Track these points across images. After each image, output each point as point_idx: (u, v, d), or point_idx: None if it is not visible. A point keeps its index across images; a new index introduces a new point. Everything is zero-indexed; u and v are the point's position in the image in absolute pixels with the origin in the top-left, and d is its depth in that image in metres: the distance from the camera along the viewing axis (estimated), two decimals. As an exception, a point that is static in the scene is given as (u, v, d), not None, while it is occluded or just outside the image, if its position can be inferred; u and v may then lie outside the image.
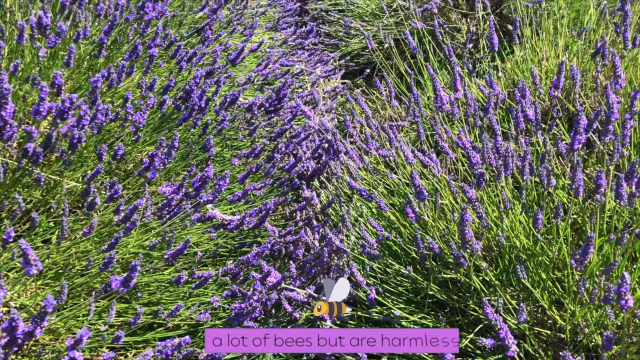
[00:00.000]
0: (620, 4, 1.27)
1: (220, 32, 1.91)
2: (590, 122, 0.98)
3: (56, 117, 1.08)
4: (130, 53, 1.36)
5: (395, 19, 2.71)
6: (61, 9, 1.43)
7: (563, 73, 1.17)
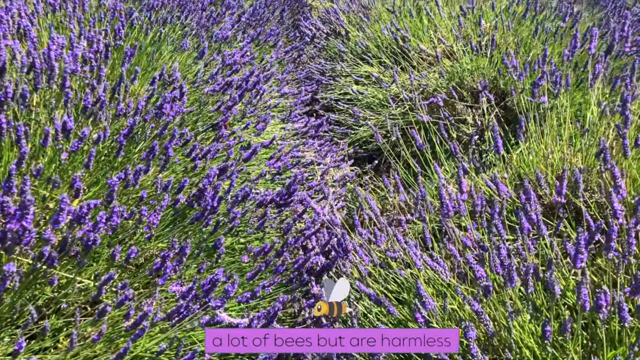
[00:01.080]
0: (621, 108, 1.32)
1: (234, 127, 1.99)
2: (592, 235, 0.99)
3: (73, 221, 1.11)
4: (148, 153, 1.42)
5: (402, 109, 2.81)
6: (83, 110, 1.52)
7: (565, 181, 1.20)
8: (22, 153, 1.13)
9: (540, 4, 2.61)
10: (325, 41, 3.83)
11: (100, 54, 1.75)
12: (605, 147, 1.27)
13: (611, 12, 2.58)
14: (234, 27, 2.84)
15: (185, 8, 2.47)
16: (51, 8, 2.09)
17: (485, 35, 2.80)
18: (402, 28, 2.90)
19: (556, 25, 2.46)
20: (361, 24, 3.42)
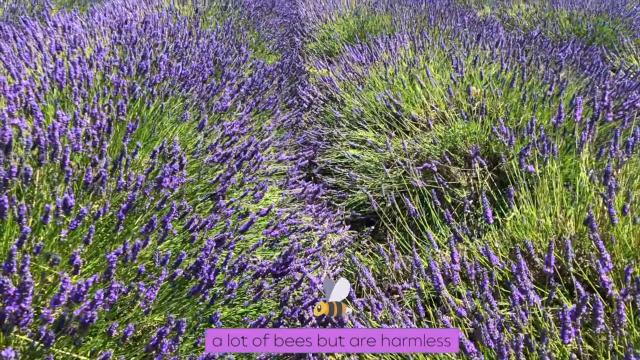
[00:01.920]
0: (604, 179, 1.36)
1: (232, 196, 2.03)
2: (579, 308, 1.01)
3: (71, 300, 1.13)
4: (146, 227, 1.46)
5: (398, 173, 2.86)
6: (84, 186, 1.57)
7: (553, 252, 1.23)
8: (23, 233, 1.16)
9: (527, 71, 2.71)
10: (323, 107, 3.95)
11: (102, 129, 1.82)
12: (592, 217, 1.30)
13: (595, 79, 2.69)
14: (234, 96, 2.94)
15: (186, 81, 2.57)
16: (58, 84, 2.18)
17: (476, 100, 2.90)
18: (395, 97, 3.00)
19: (544, 91, 2.55)
20: (356, 91, 3.53)
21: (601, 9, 5.64)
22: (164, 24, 3.94)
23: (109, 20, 3.76)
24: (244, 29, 5.09)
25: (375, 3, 5.93)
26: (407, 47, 3.71)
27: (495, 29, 4.04)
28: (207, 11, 5.29)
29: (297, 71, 4.73)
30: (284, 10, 6.71)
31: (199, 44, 3.55)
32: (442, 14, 5.14)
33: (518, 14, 6.27)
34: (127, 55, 2.78)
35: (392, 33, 4.90)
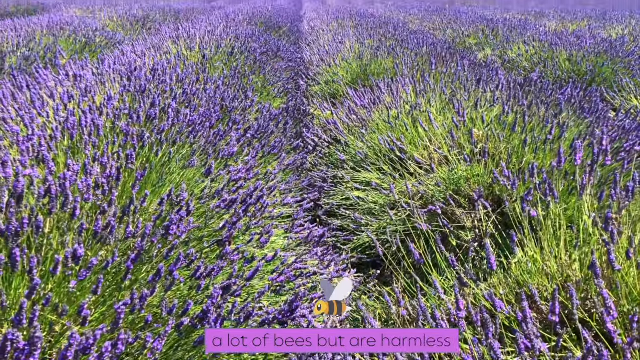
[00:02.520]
0: (605, 225, 1.38)
1: (238, 242, 2.05)
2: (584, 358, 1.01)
3: (79, 352, 1.14)
4: (154, 276, 1.48)
5: (403, 215, 2.88)
6: (94, 235, 1.60)
7: (558, 299, 1.23)
8: (33, 284, 1.18)
9: (528, 114, 2.76)
10: (327, 149, 4.00)
11: (112, 178, 1.86)
12: (595, 263, 1.31)
13: (595, 121, 2.73)
14: (240, 140, 3.00)
15: (194, 127, 2.63)
16: (69, 133, 2.24)
17: (479, 142, 2.94)
18: (398, 139, 3.05)
19: (545, 134, 2.59)
20: (360, 134, 3.59)
21: (600, 50, 5.75)
22: (172, 70, 4.06)
23: (118, 68, 3.87)
24: (250, 74, 5.21)
25: (378, 47, 6.07)
26: (409, 91, 3.79)
27: (496, 71, 4.13)
28: (214, 57, 5.44)
29: (302, 113, 4.81)
30: (289, 55, 6.87)
31: (207, 90, 3.64)
32: (443, 57, 5.26)
33: (518, 55, 6.39)
34: (137, 102, 2.85)
35: (394, 76, 5.00)
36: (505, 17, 10.49)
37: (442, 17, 10.79)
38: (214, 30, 6.73)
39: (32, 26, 7.17)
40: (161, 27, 8.42)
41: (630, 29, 8.43)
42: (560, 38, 6.49)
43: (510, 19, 9.81)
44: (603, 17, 10.65)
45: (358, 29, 8.92)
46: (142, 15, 10.72)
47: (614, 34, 8.22)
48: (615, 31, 8.47)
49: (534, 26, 8.42)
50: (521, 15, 12.72)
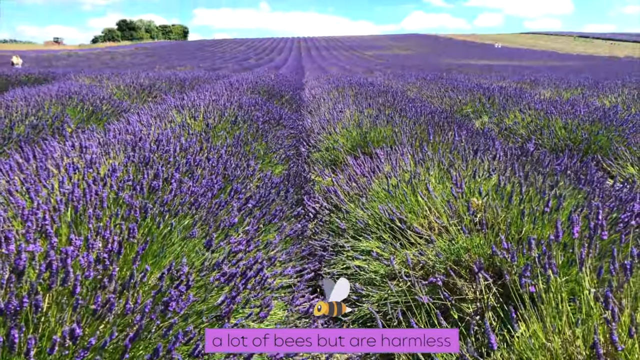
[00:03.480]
0: (604, 304, 1.38)
1: (237, 316, 2.03)
2: None
3: None
4: (152, 355, 1.46)
5: (404, 286, 2.86)
6: (93, 312, 1.59)
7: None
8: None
9: (525, 185, 2.80)
10: (328, 217, 4.03)
11: (113, 252, 1.87)
12: (597, 343, 1.30)
13: (592, 192, 2.77)
14: (241, 210, 3.03)
15: (196, 199, 2.67)
16: (73, 206, 2.28)
17: (478, 212, 2.97)
18: (397, 209, 3.08)
19: (542, 205, 2.62)
20: (360, 203, 3.63)
21: (594, 118, 5.89)
22: (176, 140, 4.15)
23: (123, 138, 3.96)
24: (253, 141, 5.32)
25: (377, 115, 6.23)
26: (408, 160, 3.86)
27: (492, 140, 4.22)
28: (217, 125, 5.58)
29: (302, 179, 4.87)
30: (290, 123, 7.04)
31: (209, 159, 3.71)
32: (441, 126, 5.38)
33: (515, 123, 6.54)
34: (140, 173, 2.91)
35: (393, 144, 5.11)
36: (501, 86, 10.81)
37: (439, 86, 11.12)
38: (218, 99, 6.93)
39: (41, 95, 7.40)
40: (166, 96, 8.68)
41: (623, 97, 8.67)
42: (555, 106, 6.67)
43: (506, 87, 10.11)
44: (596, 86, 10.97)
45: (358, 97, 9.18)
46: (148, 83, 11.07)
47: (607, 102, 8.44)
48: (608, 99, 8.70)
49: (530, 94, 8.66)
50: (516, 83, 13.12)
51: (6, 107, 6.06)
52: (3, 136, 4.85)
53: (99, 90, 9.16)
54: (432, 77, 14.48)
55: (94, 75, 13.45)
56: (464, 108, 8.44)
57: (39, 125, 5.56)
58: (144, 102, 9.34)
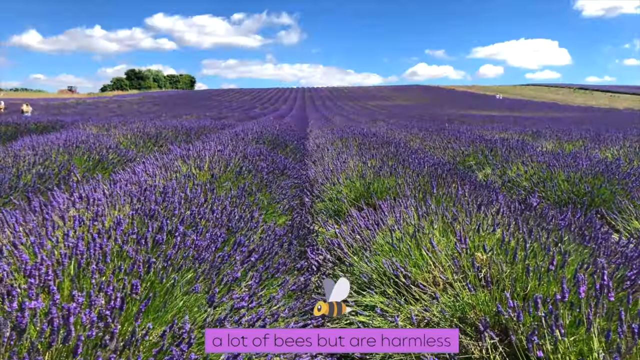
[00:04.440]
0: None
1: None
2: None
3: None
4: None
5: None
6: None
7: None
8: None
9: (529, 242, 2.79)
10: (332, 270, 4.00)
11: (116, 309, 1.86)
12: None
13: (596, 249, 2.75)
14: (244, 263, 3.01)
15: (199, 254, 2.67)
16: (77, 259, 2.28)
17: (482, 268, 2.95)
18: (401, 264, 3.06)
19: (547, 262, 2.61)
20: (364, 256, 3.61)
21: (596, 171, 5.92)
22: (182, 190, 4.19)
23: (129, 189, 4.00)
24: (257, 191, 5.35)
25: (380, 166, 6.28)
26: (412, 214, 3.87)
27: (496, 194, 4.23)
28: (222, 176, 5.63)
29: (306, 231, 4.86)
30: (294, 173, 7.09)
31: (214, 211, 3.73)
32: (444, 178, 5.42)
33: (518, 175, 6.58)
34: (145, 226, 2.92)
35: (396, 196, 5.13)
36: (503, 137, 10.93)
37: (442, 136, 11.25)
38: (223, 149, 7.02)
39: (49, 144, 7.51)
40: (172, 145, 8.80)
41: (625, 149, 8.73)
42: (558, 159, 6.71)
43: (508, 139, 10.22)
44: (597, 138, 11.08)
45: (361, 147, 9.28)
46: (155, 132, 11.24)
47: (609, 155, 8.50)
48: (610, 152, 8.77)
49: (532, 146, 8.74)
50: (518, 134, 13.26)
51: (14, 157, 6.15)
52: (10, 185, 4.90)
53: (106, 139, 9.30)
54: (434, 128, 14.67)
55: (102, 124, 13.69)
56: (466, 159, 8.50)
57: (45, 174, 5.62)
58: (150, 151, 9.46)
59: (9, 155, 6.34)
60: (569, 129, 14.92)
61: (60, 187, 5.16)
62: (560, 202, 5.62)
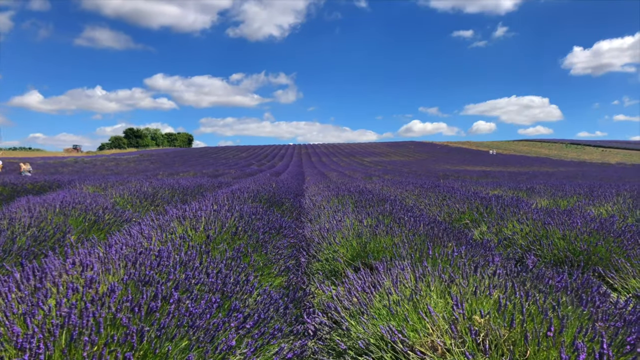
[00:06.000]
0: None
1: None
2: None
3: None
4: None
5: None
6: None
7: None
8: None
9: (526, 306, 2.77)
10: (328, 334, 3.93)
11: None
12: None
13: (594, 313, 2.73)
14: (239, 328, 2.97)
15: (194, 321, 2.63)
16: (69, 330, 2.24)
17: (480, 331, 2.91)
18: (399, 330, 3.02)
19: (545, 327, 2.58)
20: (361, 320, 3.56)
21: (592, 229, 5.94)
22: (177, 252, 4.17)
23: (124, 252, 3.98)
24: (253, 252, 5.32)
25: (376, 225, 6.30)
26: (409, 276, 3.85)
27: (492, 254, 4.23)
28: (218, 237, 5.61)
29: (302, 293, 4.81)
30: (290, 232, 7.08)
31: (209, 274, 3.70)
32: (440, 237, 5.42)
33: (513, 233, 6.58)
34: (139, 293, 2.89)
35: (393, 256, 5.11)
36: (497, 194, 11.00)
37: (436, 193, 11.31)
38: (219, 209, 7.04)
39: (45, 205, 7.51)
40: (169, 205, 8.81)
41: (619, 206, 8.79)
42: (553, 217, 6.75)
43: (502, 196, 10.28)
44: (591, 194, 11.16)
45: (357, 205, 9.32)
46: (152, 192, 11.27)
47: (603, 211, 8.54)
48: (604, 208, 8.82)
49: (526, 203, 8.79)
50: (512, 191, 13.35)
51: (10, 219, 6.14)
52: (4, 249, 4.87)
53: (102, 199, 9.31)
54: (429, 185, 14.78)
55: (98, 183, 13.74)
56: (462, 217, 8.53)
57: (40, 236, 5.60)
58: (147, 211, 9.46)
59: (5, 217, 6.33)
60: (563, 185, 15.05)
61: (55, 250, 5.13)
62: (557, 260, 5.60)
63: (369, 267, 5.69)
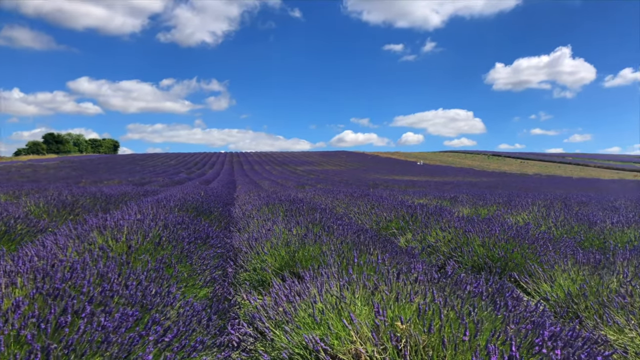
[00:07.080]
0: None
1: None
2: None
3: None
4: None
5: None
6: None
7: None
8: None
9: (444, 312, 2.85)
10: (252, 345, 3.88)
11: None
12: None
13: (508, 317, 2.86)
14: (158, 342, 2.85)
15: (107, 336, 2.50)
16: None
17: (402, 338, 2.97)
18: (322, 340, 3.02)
19: (461, 333, 2.66)
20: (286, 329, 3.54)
21: (509, 236, 6.25)
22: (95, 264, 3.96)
23: (35, 264, 3.74)
24: (177, 263, 5.17)
25: (305, 234, 6.30)
26: (334, 285, 3.87)
27: (415, 260, 4.34)
28: (140, 247, 5.40)
29: (227, 304, 4.71)
30: (218, 242, 6.94)
31: (128, 286, 3.54)
32: (366, 245, 5.50)
33: (437, 241, 6.80)
34: (48, 307, 2.71)
35: (320, 265, 5.13)
36: (422, 203, 11.36)
37: (366, 202, 11.52)
38: (143, 218, 6.79)
39: (-52, 215, 6.94)
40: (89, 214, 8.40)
41: (534, 214, 9.32)
42: (473, 225, 7.03)
43: (427, 205, 10.62)
44: (509, 203, 11.77)
45: (287, 214, 9.30)
46: (71, 200, 10.71)
47: (520, 219, 9.02)
48: (521, 216, 9.32)
49: (449, 212, 9.13)
50: (437, 200, 13.84)
51: None
52: None
53: (15, 207, 8.73)
54: (359, 193, 15.02)
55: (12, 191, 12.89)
56: (389, 225, 8.72)
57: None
58: (65, 221, 8.96)
59: None
60: (484, 194, 15.78)
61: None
62: (477, 266, 5.84)
63: (297, 276, 5.68)
